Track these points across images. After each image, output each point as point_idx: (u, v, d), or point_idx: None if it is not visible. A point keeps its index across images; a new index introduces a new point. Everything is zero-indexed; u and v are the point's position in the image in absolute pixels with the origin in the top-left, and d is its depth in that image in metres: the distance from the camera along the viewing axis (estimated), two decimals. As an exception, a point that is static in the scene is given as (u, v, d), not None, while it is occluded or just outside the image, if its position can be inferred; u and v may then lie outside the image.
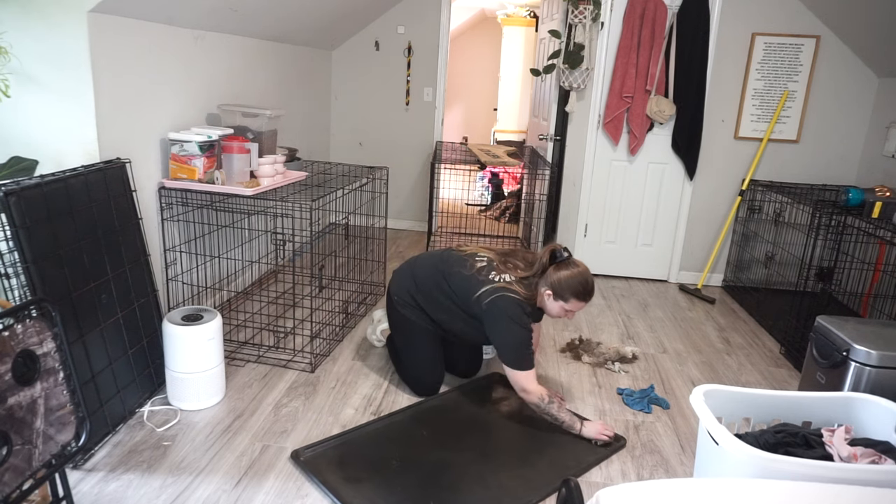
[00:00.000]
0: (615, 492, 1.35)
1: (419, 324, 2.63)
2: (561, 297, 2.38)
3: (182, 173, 2.73)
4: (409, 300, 2.63)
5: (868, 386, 2.25)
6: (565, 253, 2.41)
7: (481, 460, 2.26)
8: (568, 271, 2.36)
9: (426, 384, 2.67)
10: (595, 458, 2.31)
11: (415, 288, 2.62)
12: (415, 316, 2.63)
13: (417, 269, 2.66)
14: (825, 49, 4.07)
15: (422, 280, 2.61)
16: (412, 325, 2.64)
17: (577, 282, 2.35)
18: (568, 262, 2.40)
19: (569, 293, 2.36)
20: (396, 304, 2.67)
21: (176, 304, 2.94)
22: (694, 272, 4.54)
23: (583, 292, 2.37)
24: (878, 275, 3.65)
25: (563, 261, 2.40)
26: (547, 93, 4.60)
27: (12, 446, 1.34)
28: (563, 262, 2.39)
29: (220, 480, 2.09)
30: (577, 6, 3.92)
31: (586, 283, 2.37)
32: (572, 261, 2.41)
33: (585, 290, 2.37)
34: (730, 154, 4.31)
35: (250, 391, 2.66)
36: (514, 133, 8.01)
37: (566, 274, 2.36)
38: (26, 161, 2.32)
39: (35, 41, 2.30)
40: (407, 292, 2.64)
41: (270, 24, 3.61)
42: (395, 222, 5.58)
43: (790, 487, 1.40)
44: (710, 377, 3.08)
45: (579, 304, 2.39)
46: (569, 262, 2.40)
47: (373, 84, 5.28)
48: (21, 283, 1.99)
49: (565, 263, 2.39)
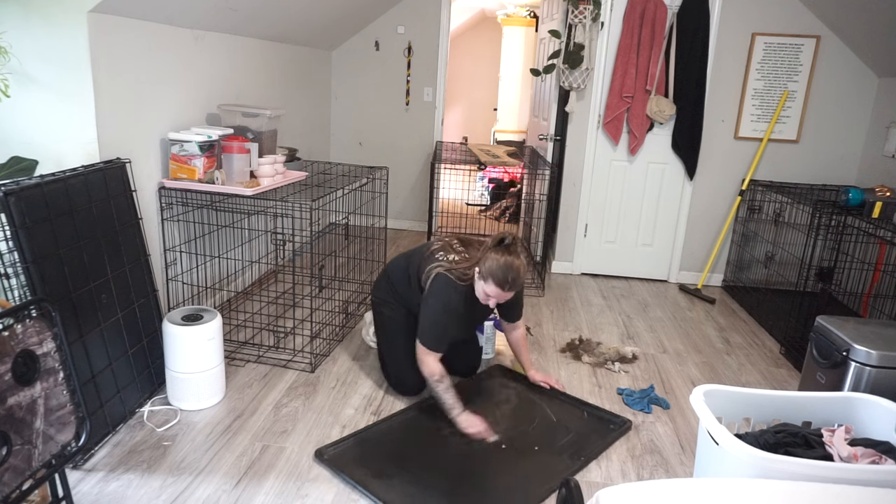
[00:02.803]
0: (615, 492, 1.35)
1: (400, 322, 2.67)
2: (483, 279, 2.36)
3: (182, 173, 2.73)
4: (388, 298, 2.71)
5: (868, 386, 2.25)
6: (508, 241, 2.38)
7: (500, 450, 2.33)
8: (499, 256, 2.33)
9: (407, 384, 2.67)
10: (605, 442, 2.42)
11: (391, 284, 2.71)
12: (395, 314, 2.69)
13: (390, 266, 2.76)
14: (825, 49, 4.07)
15: (394, 275, 2.71)
16: (393, 325, 2.70)
17: (499, 267, 2.31)
18: (507, 248, 2.36)
19: (490, 276, 2.33)
20: (376, 304, 2.76)
21: (176, 304, 2.94)
22: (694, 272, 4.54)
23: (501, 279, 2.31)
24: (878, 275, 3.65)
25: (504, 247, 2.37)
26: (547, 93, 4.60)
27: (12, 446, 1.34)
28: (502, 248, 2.36)
29: (220, 480, 2.09)
30: (577, 6, 3.92)
31: (508, 270, 2.31)
32: (512, 249, 2.37)
33: (504, 278, 2.31)
34: (730, 154, 4.31)
35: (250, 391, 2.66)
36: (514, 133, 8.01)
37: (496, 257, 2.33)
38: (26, 161, 2.32)
39: (35, 41, 2.30)
40: (385, 290, 2.73)
41: (270, 24, 3.61)
42: (395, 222, 5.58)
43: (790, 487, 1.40)
44: (710, 377, 3.08)
45: (496, 291, 2.34)
46: (507, 249, 2.36)
47: (373, 84, 5.28)
48: (21, 283, 1.99)
49: (503, 249, 2.35)
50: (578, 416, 2.58)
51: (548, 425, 2.51)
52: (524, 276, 2.39)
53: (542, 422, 2.54)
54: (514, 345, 2.83)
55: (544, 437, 2.42)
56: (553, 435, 2.44)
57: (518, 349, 2.82)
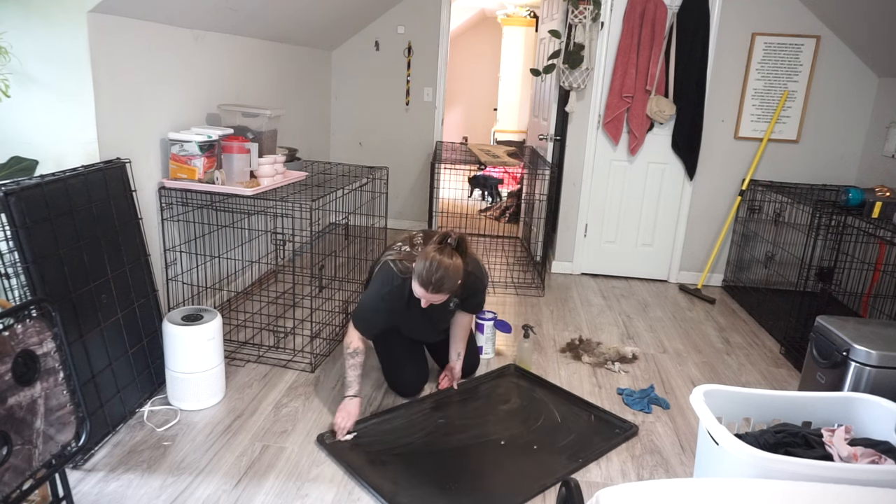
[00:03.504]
0: (615, 492, 1.35)
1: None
2: (413, 276, 2.25)
3: (182, 173, 2.73)
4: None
5: (868, 386, 2.25)
6: (450, 241, 2.27)
7: (498, 446, 2.36)
8: (432, 254, 2.20)
9: (404, 384, 2.66)
10: (608, 446, 2.40)
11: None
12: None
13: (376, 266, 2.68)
14: (825, 49, 4.07)
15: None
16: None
17: (425, 266, 2.18)
18: (445, 247, 2.23)
19: (415, 274, 2.23)
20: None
21: (176, 304, 2.94)
22: (694, 272, 4.54)
23: (425, 279, 2.19)
24: (878, 275, 3.65)
25: (443, 245, 2.24)
26: (547, 93, 4.60)
27: (12, 446, 1.34)
28: (440, 246, 2.23)
29: (220, 480, 2.09)
30: (577, 6, 3.92)
31: (433, 271, 2.17)
32: (446, 249, 2.23)
33: (427, 279, 2.18)
34: (730, 154, 4.31)
35: (250, 391, 2.66)
36: (514, 133, 8.01)
37: (428, 255, 2.20)
38: (26, 161, 2.32)
39: (35, 41, 2.30)
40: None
41: (270, 24, 3.61)
42: (395, 222, 5.58)
43: (790, 487, 1.40)
44: (710, 377, 3.08)
45: (420, 290, 2.23)
46: (444, 248, 2.23)
47: (373, 84, 5.28)
48: (21, 283, 1.99)
49: (440, 248, 2.23)
50: (585, 419, 2.58)
51: (551, 426, 2.52)
52: (455, 278, 2.23)
53: (546, 422, 2.54)
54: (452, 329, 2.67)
55: (545, 437, 2.43)
56: (555, 435, 2.44)
57: (452, 331, 2.66)
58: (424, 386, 2.72)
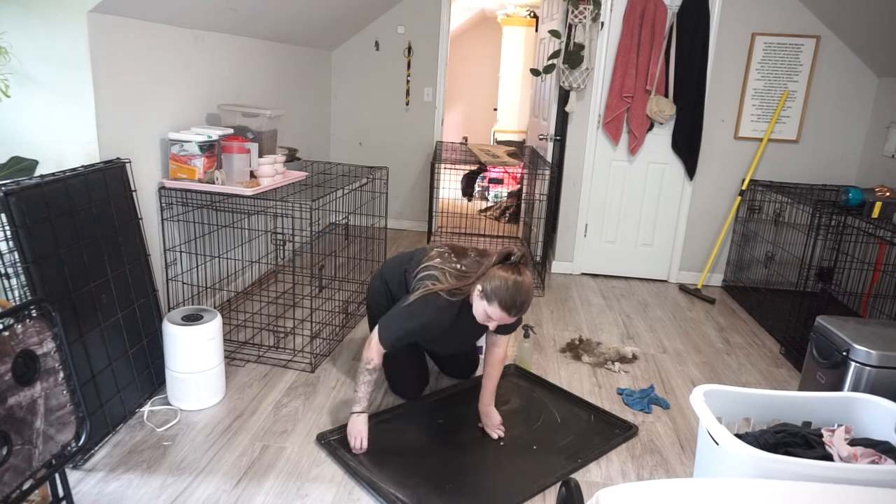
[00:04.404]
0: (615, 492, 1.35)
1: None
2: (486, 299, 2.13)
3: (182, 173, 2.73)
4: (381, 300, 2.59)
5: (868, 386, 2.26)
6: (516, 258, 2.18)
7: (498, 446, 2.36)
8: (506, 275, 2.11)
9: (406, 387, 2.66)
10: (608, 446, 2.40)
11: (385, 286, 2.59)
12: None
13: (386, 268, 2.64)
14: (825, 49, 4.07)
15: (389, 276, 2.59)
16: None
17: (507, 288, 2.09)
18: (514, 266, 2.15)
19: (494, 298, 2.11)
20: (371, 305, 2.67)
21: (176, 304, 2.94)
22: (694, 272, 4.54)
23: (509, 303, 2.09)
24: (878, 275, 3.65)
25: (510, 264, 2.16)
26: (547, 93, 4.60)
27: (12, 446, 1.34)
28: (508, 265, 2.15)
29: (220, 480, 2.09)
30: (577, 6, 3.92)
31: (517, 293, 2.09)
32: (520, 268, 2.15)
33: (512, 301, 2.09)
34: (730, 154, 4.31)
35: (250, 391, 2.66)
36: (514, 133, 8.01)
37: (503, 276, 2.11)
38: (26, 161, 2.32)
39: (35, 41, 2.30)
40: (379, 292, 2.61)
41: (270, 24, 3.61)
42: (395, 222, 5.58)
43: (790, 487, 1.40)
44: (710, 377, 3.08)
45: (500, 314, 2.12)
46: (514, 267, 2.15)
47: (373, 84, 5.28)
48: (21, 283, 1.99)
49: (510, 267, 2.14)
50: (585, 420, 2.58)
51: (551, 426, 2.52)
52: (532, 296, 2.15)
53: (546, 422, 2.54)
54: (487, 363, 2.45)
55: (545, 437, 2.43)
56: (554, 435, 2.45)
57: (488, 371, 2.44)
58: (426, 388, 2.73)
